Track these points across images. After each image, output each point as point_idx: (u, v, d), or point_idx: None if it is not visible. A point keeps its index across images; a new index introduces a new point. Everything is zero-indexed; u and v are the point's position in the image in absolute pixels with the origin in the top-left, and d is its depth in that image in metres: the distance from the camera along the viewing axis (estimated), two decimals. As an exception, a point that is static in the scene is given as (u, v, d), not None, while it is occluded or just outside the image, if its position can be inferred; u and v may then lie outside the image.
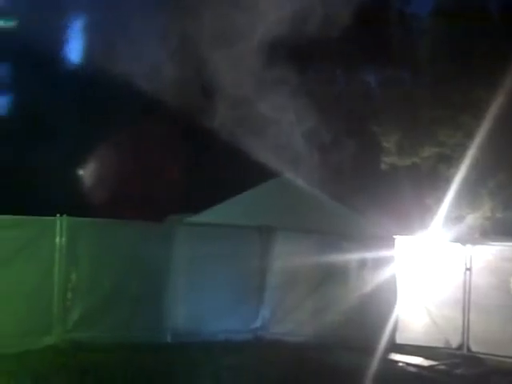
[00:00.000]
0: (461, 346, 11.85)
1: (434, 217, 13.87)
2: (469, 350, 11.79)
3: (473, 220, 14.72)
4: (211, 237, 11.58)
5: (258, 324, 11.88)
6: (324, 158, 16.22)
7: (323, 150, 16.03)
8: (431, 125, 15.17)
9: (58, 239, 10.41)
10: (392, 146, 15.43)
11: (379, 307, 12.02)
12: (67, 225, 10.51)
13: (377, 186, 15.78)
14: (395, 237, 12.44)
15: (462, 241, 12.45)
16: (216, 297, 11.40)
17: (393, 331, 11.93)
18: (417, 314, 12.19)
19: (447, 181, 14.38)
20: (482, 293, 11.79)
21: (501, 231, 14.38)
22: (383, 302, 12.05)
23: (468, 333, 11.84)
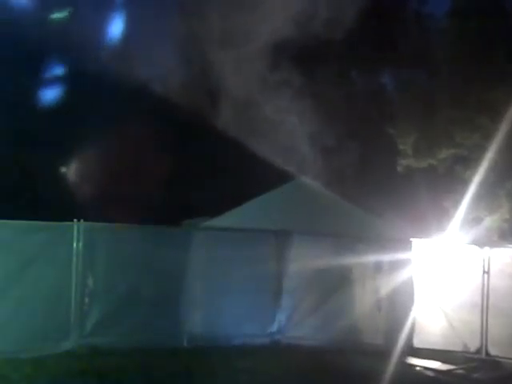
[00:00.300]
0: (479, 350, 11.76)
1: (451, 219, 13.78)
2: (487, 354, 11.70)
3: (490, 222, 14.61)
4: (227, 241, 11.60)
5: (275, 328, 11.88)
6: (339, 161, 16.20)
7: (338, 153, 16.01)
8: (448, 126, 15.08)
9: (76, 244, 10.47)
10: (408, 148, 15.36)
11: (396, 311, 11.98)
12: (84, 230, 10.56)
13: (393, 188, 15.70)
14: (412, 239, 12.36)
15: (480, 243, 12.35)
16: (232, 301, 11.42)
17: (410, 335, 11.86)
18: (434, 318, 12.11)
19: (464, 183, 14.29)
20: (500, 296, 11.68)
21: (519, 233, 14.29)
22: (400, 306, 11.99)
23: (486, 336, 11.74)
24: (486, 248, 12.06)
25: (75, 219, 10.54)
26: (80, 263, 10.47)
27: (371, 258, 12.07)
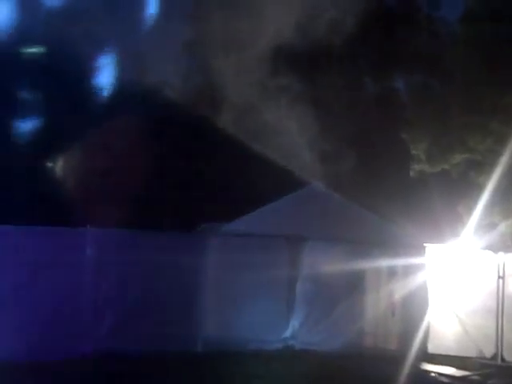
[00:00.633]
0: (494, 356, 11.70)
1: (465, 224, 13.72)
2: (503, 360, 11.64)
3: (505, 227, 14.51)
4: (241, 246, 11.58)
5: (288, 333, 11.84)
6: (352, 166, 16.18)
7: (350, 158, 15.99)
8: (461, 131, 15.02)
9: (89, 250, 10.50)
10: (421, 153, 15.31)
11: (410, 316, 11.94)
12: (97, 235, 10.59)
13: (407, 194, 15.65)
14: (426, 245, 12.31)
15: (494, 248, 12.31)
16: (246, 306, 11.40)
17: (424, 341, 11.81)
18: (449, 324, 12.07)
19: (478, 188, 14.23)
20: (515, 301, 11.65)
21: (534, 238, 14.18)
22: (414, 311, 11.95)
23: (502, 342, 11.69)
24: (501, 253, 12.04)
25: (88, 224, 10.59)
26: (93, 269, 10.49)
27: (385, 264, 12.02)
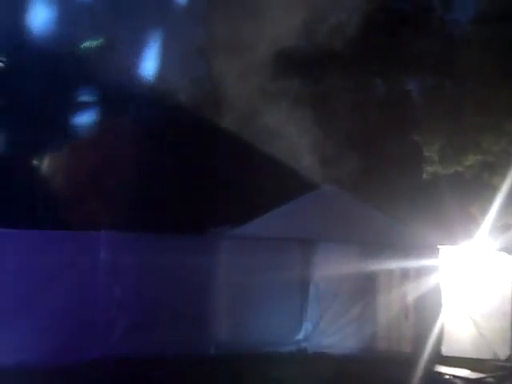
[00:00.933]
0: (509, 358, 11.64)
1: (479, 226, 13.64)
2: (517, 362, 11.54)
3: (519, 228, 14.43)
4: (253, 249, 11.59)
5: (301, 336, 11.81)
6: (365, 167, 16.15)
7: (364, 159, 15.97)
8: (474, 132, 14.95)
9: (102, 253, 10.54)
10: (434, 155, 15.26)
11: (424, 318, 11.86)
12: (110, 239, 10.64)
13: (420, 195, 15.60)
14: (439, 246, 12.25)
15: (509, 250, 12.21)
16: (259, 309, 11.40)
17: (438, 343, 11.74)
18: (463, 326, 11.98)
19: (492, 189, 14.16)
20: (531, 303, 11.56)
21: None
22: (428, 313, 11.88)
23: (516, 344, 11.59)
24: (515, 255, 11.93)
25: (101, 228, 10.65)
26: (106, 272, 10.53)
27: (398, 266, 11.97)
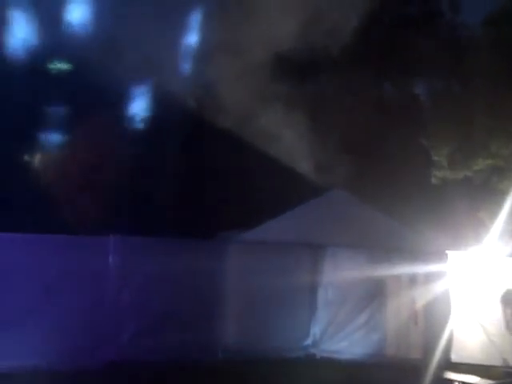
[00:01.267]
0: (519, 365, 11.56)
1: (488, 231, 13.58)
2: (527, 369, 11.48)
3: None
4: (262, 254, 11.59)
5: (309, 341, 11.80)
6: (375, 171, 16.11)
7: (375, 162, 15.93)
8: (484, 136, 14.89)
9: (111, 258, 10.56)
10: (443, 160, 15.20)
11: (433, 324, 11.82)
12: (120, 243, 10.65)
13: (428, 200, 15.54)
14: (448, 252, 12.21)
15: (519, 255, 12.16)
16: (267, 314, 11.39)
17: (447, 349, 11.69)
18: (472, 332, 11.91)
19: (501, 193, 14.09)
20: (541, 309, 11.49)
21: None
22: (437, 319, 11.83)
23: (526, 351, 11.53)
24: (525, 260, 11.88)
25: (111, 233, 10.66)
26: (115, 277, 10.55)
27: (407, 271, 11.93)
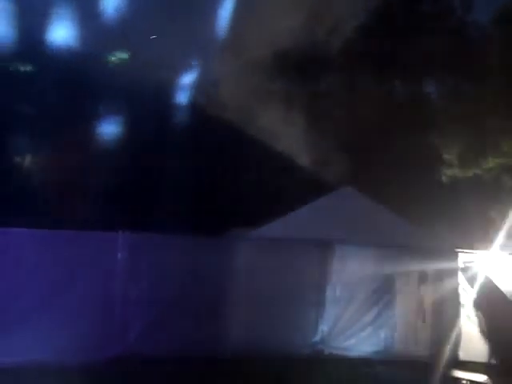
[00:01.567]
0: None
1: (498, 229, 13.52)
2: (536, 367, 11.41)
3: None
4: (270, 251, 11.60)
5: (317, 338, 11.79)
6: (384, 170, 16.10)
7: (382, 162, 15.91)
8: (495, 135, 14.85)
9: (120, 254, 10.62)
10: (453, 158, 15.18)
11: (441, 322, 11.79)
12: (128, 239, 10.70)
13: (438, 198, 15.51)
14: (457, 250, 12.17)
15: (528, 254, 12.11)
16: (275, 311, 11.38)
17: (455, 347, 11.65)
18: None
19: (511, 192, 14.05)
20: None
21: None
22: (445, 317, 11.81)
23: (535, 349, 11.46)
24: (535, 258, 11.82)
25: (119, 229, 10.72)
26: (124, 273, 10.60)
27: (416, 269, 11.91)
